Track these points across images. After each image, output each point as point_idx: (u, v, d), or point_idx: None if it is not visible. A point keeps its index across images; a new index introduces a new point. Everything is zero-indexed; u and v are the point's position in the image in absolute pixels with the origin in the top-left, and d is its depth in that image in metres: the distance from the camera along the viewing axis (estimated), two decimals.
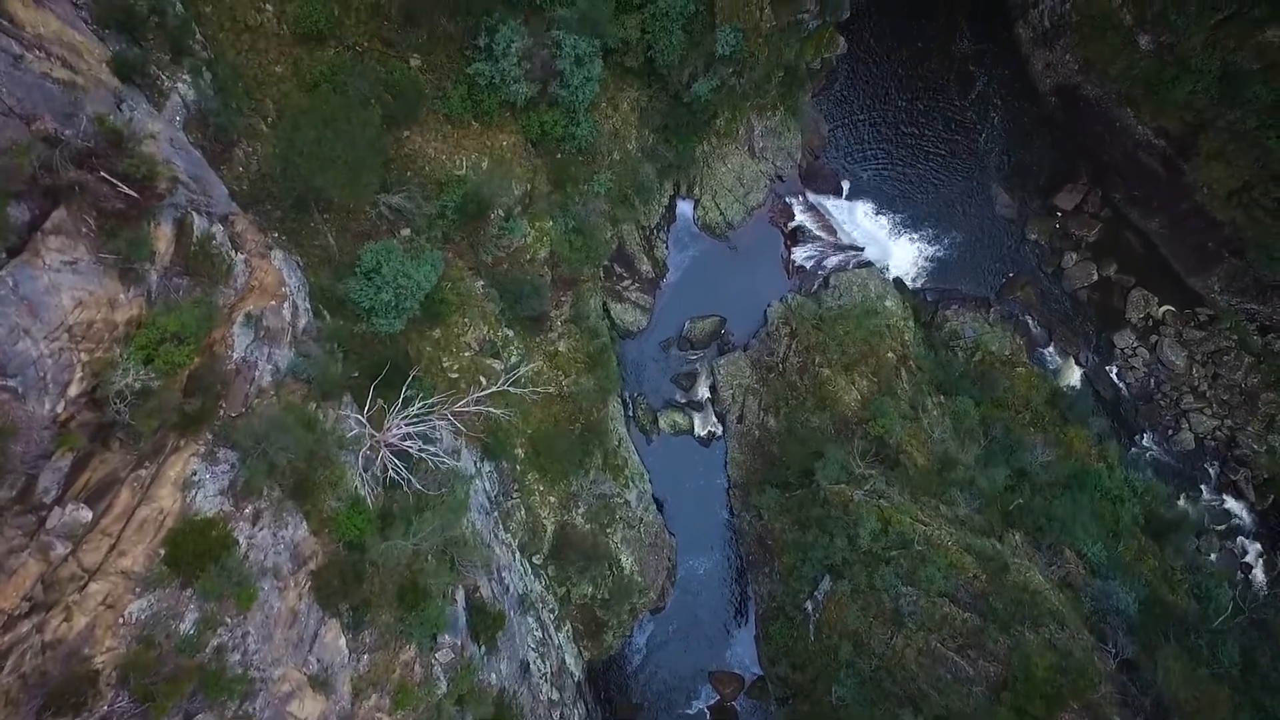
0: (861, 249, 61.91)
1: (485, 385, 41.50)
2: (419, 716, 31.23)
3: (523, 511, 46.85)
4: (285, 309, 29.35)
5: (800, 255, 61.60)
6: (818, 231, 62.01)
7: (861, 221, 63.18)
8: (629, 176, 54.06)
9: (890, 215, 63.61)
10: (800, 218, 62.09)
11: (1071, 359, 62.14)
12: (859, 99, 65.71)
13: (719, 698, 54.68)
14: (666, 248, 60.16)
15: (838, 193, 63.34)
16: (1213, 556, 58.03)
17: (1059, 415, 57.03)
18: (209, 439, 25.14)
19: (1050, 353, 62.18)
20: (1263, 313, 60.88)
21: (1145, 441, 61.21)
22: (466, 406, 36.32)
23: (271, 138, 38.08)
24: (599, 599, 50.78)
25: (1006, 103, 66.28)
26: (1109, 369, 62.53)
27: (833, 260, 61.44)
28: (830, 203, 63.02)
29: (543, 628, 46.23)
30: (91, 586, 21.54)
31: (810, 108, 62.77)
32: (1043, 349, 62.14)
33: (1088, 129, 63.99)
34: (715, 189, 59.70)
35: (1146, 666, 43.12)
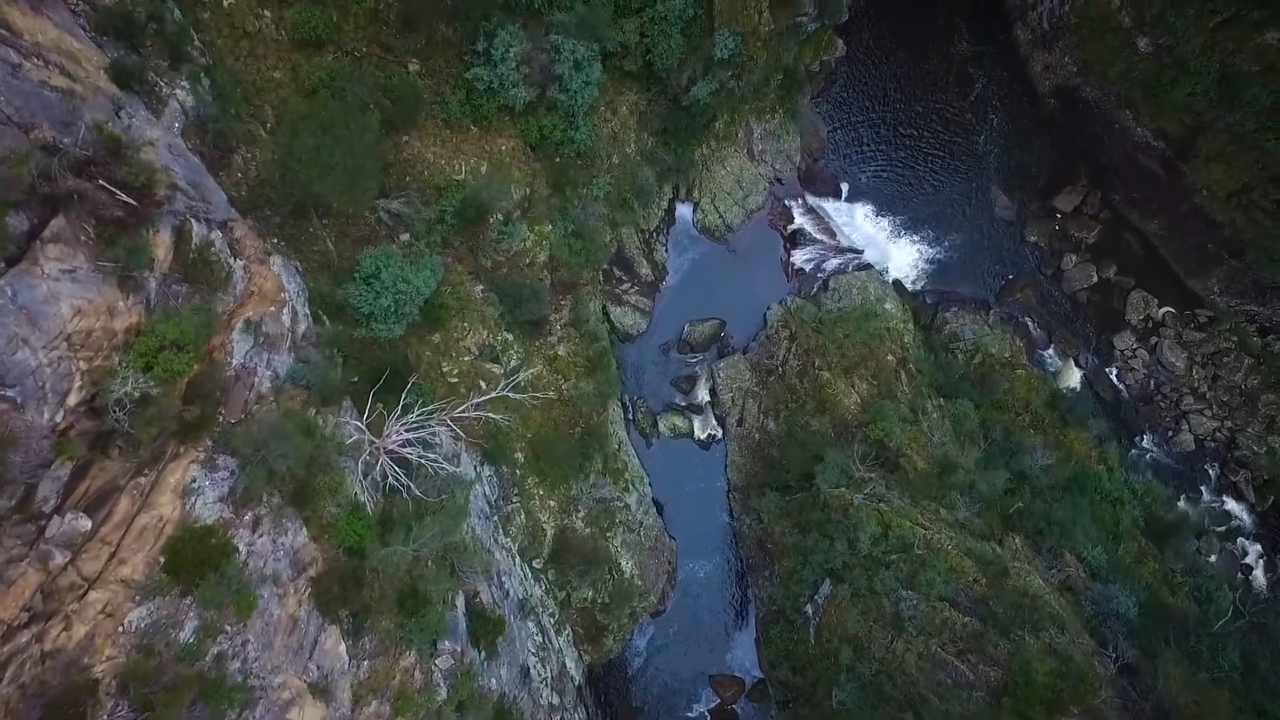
0: (861, 251, 61.88)
1: (485, 390, 41.46)
2: None
3: (523, 516, 46.82)
4: (284, 315, 29.32)
5: (800, 258, 61.56)
6: (817, 234, 61.97)
7: (861, 224, 63.16)
8: (628, 180, 54.06)
9: (889, 217, 63.57)
10: (799, 220, 62.07)
11: (1071, 361, 62.10)
12: (858, 101, 65.72)
13: (719, 701, 54.64)
14: (666, 251, 60.13)
15: (837, 195, 63.34)
16: (1213, 558, 58.04)
17: (1059, 417, 56.97)
18: (208, 446, 25.10)
19: (1050, 355, 62.15)
20: (1262, 314, 60.92)
21: (1145, 443, 61.18)
22: (466, 412, 36.30)
23: (270, 143, 38.09)
24: (599, 603, 50.74)
25: (1005, 104, 66.28)
26: (1109, 371, 62.50)
27: (832, 263, 61.39)
28: (829, 205, 63.01)
29: (543, 632, 46.19)
30: (91, 595, 21.49)
31: (809, 110, 62.77)
32: (1042, 351, 62.09)
33: (1087, 131, 64.00)
34: (714, 192, 59.67)
35: (1147, 671, 43.02)
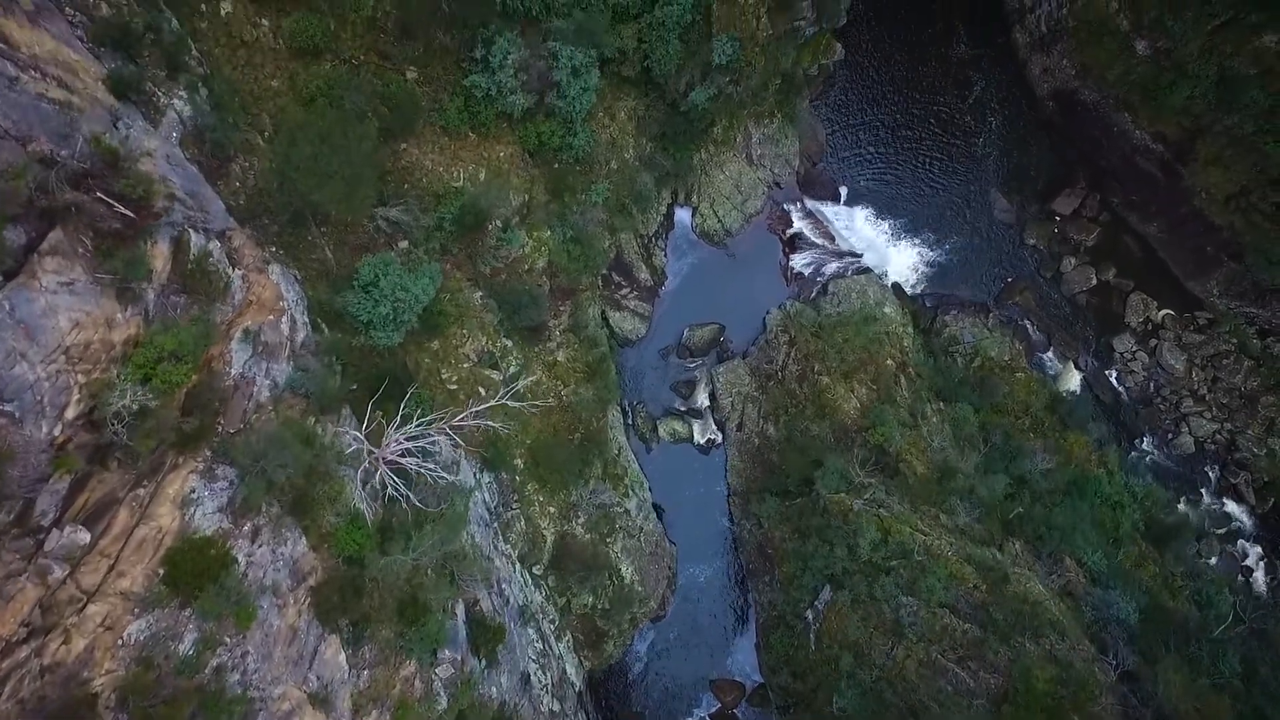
0: (860, 255, 61.86)
1: (484, 396, 41.43)
2: None
3: (522, 522, 46.76)
4: (283, 323, 29.31)
5: (799, 262, 61.55)
6: (816, 238, 61.97)
7: (860, 227, 63.16)
8: (627, 185, 54.09)
9: (888, 221, 63.59)
10: (798, 224, 62.08)
11: (1071, 364, 62.08)
12: (856, 105, 65.77)
13: (720, 706, 54.53)
14: (665, 256, 60.16)
15: (836, 199, 63.35)
16: (1213, 561, 58.00)
17: (1059, 420, 56.98)
18: (207, 456, 25.09)
19: (1050, 358, 62.12)
20: (1262, 316, 60.99)
21: (1145, 446, 61.17)
22: (465, 421, 36.27)
23: (268, 152, 38.08)
24: (599, 609, 50.68)
25: (1004, 107, 66.34)
26: (1108, 373, 62.49)
27: (831, 267, 61.37)
28: (828, 209, 62.99)
29: (543, 639, 46.12)
30: (90, 608, 21.46)
31: (808, 114, 62.81)
32: (1042, 354, 62.06)
33: (1085, 133, 64.04)
34: (713, 197, 59.68)
35: (1147, 677, 42.99)
